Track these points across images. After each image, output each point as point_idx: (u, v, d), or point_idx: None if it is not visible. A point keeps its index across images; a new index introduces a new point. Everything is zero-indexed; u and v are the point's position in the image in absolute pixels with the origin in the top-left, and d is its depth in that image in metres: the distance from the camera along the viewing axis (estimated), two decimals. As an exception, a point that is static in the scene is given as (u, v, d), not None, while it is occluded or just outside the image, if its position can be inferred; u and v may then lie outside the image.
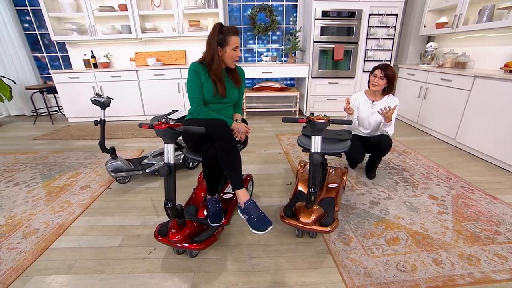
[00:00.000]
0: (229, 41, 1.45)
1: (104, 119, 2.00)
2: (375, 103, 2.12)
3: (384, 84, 2.01)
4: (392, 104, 2.03)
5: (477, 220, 1.70)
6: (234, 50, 1.48)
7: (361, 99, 2.18)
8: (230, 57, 1.49)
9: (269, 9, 4.14)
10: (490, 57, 2.94)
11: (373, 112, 2.12)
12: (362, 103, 2.17)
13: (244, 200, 1.35)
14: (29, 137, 3.43)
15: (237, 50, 1.50)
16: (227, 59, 1.51)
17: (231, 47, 1.46)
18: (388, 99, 2.11)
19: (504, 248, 1.45)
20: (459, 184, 2.15)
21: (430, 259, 1.39)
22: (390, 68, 1.99)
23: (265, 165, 2.49)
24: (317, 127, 1.25)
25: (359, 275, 1.29)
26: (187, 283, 1.25)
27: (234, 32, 1.45)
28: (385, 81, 2.00)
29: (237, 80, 1.62)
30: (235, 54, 1.49)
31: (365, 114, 2.16)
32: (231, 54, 1.48)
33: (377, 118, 2.11)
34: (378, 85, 2.01)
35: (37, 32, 4.26)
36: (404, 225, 1.67)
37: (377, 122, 2.13)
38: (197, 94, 1.51)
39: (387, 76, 1.98)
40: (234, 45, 1.46)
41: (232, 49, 1.47)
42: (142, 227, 1.64)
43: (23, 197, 1.99)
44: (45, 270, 1.32)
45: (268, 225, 1.26)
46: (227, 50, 1.47)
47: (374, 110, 2.10)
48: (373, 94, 2.13)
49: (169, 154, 1.19)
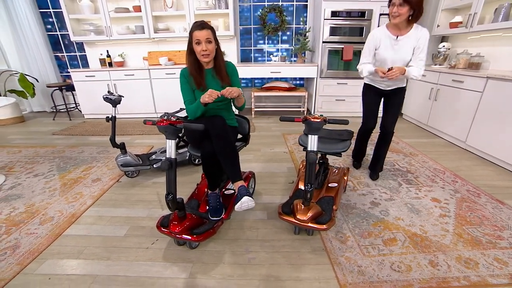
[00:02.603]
0: (192, 37, 1.47)
1: (115, 116, 2.11)
2: (400, 38, 1.75)
3: (407, 12, 1.64)
4: (423, 38, 1.70)
5: (480, 224, 1.67)
6: (196, 44, 1.47)
7: (382, 36, 1.81)
8: (197, 52, 1.50)
9: (279, 10, 4.16)
10: (506, 58, 2.83)
11: (398, 49, 1.77)
12: (384, 40, 1.80)
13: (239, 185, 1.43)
14: (49, 132, 3.64)
15: (201, 44, 1.46)
16: (197, 55, 1.52)
17: (194, 42, 1.47)
18: (416, 32, 1.73)
19: (506, 253, 1.43)
20: (465, 187, 2.11)
21: (427, 260, 1.39)
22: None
23: (269, 164, 2.54)
24: (312, 126, 1.28)
25: (352, 273, 1.32)
26: (185, 273, 1.32)
27: (195, 27, 1.46)
28: (407, 7, 1.62)
29: (223, 77, 1.60)
30: (199, 48, 1.47)
31: (388, 53, 1.80)
32: (196, 48, 1.49)
33: (404, 57, 1.76)
34: (399, 14, 1.64)
35: (58, 33, 4.50)
36: (403, 227, 1.66)
37: (403, 61, 1.77)
38: (188, 97, 1.59)
39: (408, 2, 1.60)
40: (195, 39, 1.46)
41: (194, 43, 1.47)
42: (147, 219, 1.73)
43: (41, 188, 2.14)
44: (58, 255, 1.43)
45: (222, 213, 1.52)
46: (194, 46, 1.49)
47: (399, 47, 1.76)
48: (396, 28, 1.75)
49: (170, 149, 1.27)
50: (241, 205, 1.35)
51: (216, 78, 1.62)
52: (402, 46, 1.77)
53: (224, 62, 1.64)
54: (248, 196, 1.36)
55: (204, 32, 1.47)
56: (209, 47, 1.50)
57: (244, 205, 1.34)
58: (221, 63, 1.61)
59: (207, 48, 1.48)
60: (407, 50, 1.77)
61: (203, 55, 1.50)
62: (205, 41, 1.47)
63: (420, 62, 1.78)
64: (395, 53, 1.80)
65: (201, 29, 1.46)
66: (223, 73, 1.62)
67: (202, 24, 1.48)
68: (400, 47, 1.77)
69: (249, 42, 4.54)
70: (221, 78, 1.62)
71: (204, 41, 1.47)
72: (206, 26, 1.49)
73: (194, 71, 1.56)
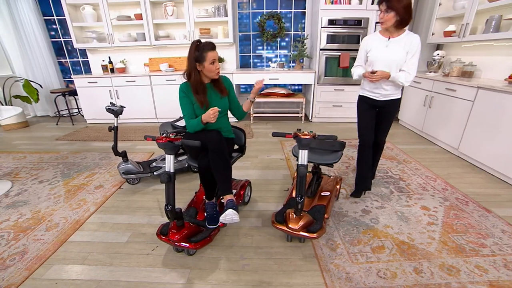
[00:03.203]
0: (205, 56, 1.56)
1: (117, 126, 2.20)
2: (392, 39, 1.80)
3: (393, 18, 1.68)
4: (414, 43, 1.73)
5: (465, 232, 1.75)
6: (212, 64, 1.58)
7: (375, 39, 1.87)
8: (209, 70, 1.60)
9: (277, 17, 4.25)
10: (497, 67, 2.91)
11: (389, 50, 1.80)
12: (376, 43, 1.85)
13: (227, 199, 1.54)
14: (52, 137, 3.74)
15: (215, 63, 1.60)
16: (207, 73, 1.62)
17: (208, 62, 1.57)
18: (408, 37, 1.76)
19: (487, 260, 1.50)
20: (455, 195, 2.18)
21: (411, 268, 1.47)
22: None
23: (265, 171, 2.62)
24: (302, 143, 1.36)
25: (340, 280, 1.40)
26: (183, 278, 1.40)
27: (210, 48, 1.57)
28: (393, 13, 1.66)
29: (222, 90, 1.72)
30: (214, 67, 1.59)
31: (380, 54, 1.82)
32: (209, 68, 1.59)
33: (395, 57, 1.77)
34: (386, 20, 1.70)
35: (62, 40, 4.60)
36: (391, 234, 1.74)
37: (395, 62, 1.79)
38: (188, 111, 1.67)
39: (392, 8, 1.65)
40: (211, 59, 1.57)
41: (209, 63, 1.57)
42: (147, 226, 1.82)
43: (46, 194, 2.23)
44: (64, 260, 1.52)
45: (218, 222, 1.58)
46: (205, 65, 1.58)
47: (390, 48, 1.79)
48: (387, 32, 1.81)
49: (169, 164, 1.35)
50: (225, 217, 1.45)
51: (216, 91, 1.73)
52: (393, 47, 1.79)
53: (220, 76, 1.75)
54: (233, 210, 1.46)
55: (216, 52, 1.61)
56: (219, 64, 1.65)
57: (228, 217, 1.44)
58: (219, 78, 1.73)
59: (219, 66, 1.63)
60: (398, 51, 1.78)
61: (217, 73, 1.65)
62: (217, 59, 1.61)
63: (411, 67, 1.78)
64: (387, 53, 1.81)
65: (214, 49, 1.60)
66: (222, 87, 1.74)
67: (214, 45, 1.61)
68: (391, 48, 1.80)
69: (248, 48, 4.63)
70: (221, 91, 1.73)
71: (217, 59, 1.61)
72: (215, 46, 1.63)
73: (197, 91, 1.64)
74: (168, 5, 3.87)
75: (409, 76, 1.79)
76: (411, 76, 1.79)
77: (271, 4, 4.34)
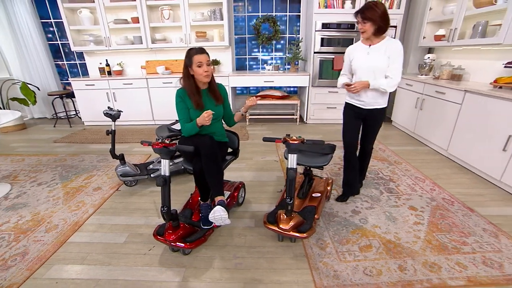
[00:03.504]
0: (192, 60, 1.62)
1: (115, 130, 2.26)
2: (372, 47, 1.84)
3: (371, 27, 1.73)
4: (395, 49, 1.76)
5: (449, 231, 1.83)
6: (198, 67, 1.63)
7: (357, 48, 1.93)
8: (198, 73, 1.65)
9: (272, 20, 4.32)
10: (484, 71, 3.01)
11: (370, 57, 1.84)
12: (358, 51, 1.91)
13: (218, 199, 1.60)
14: (50, 139, 3.78)
15: (203, 66, 1.63)
16: (197, 76, 1.67)
17: (195, 64, 1.62)
18: (388, 43, 1.79)
19: (467, 258, 1.59)
20: (441, 196, 2.27)
21: (396, 265, 1.55)
22: (368, 8, 1.69)
23: (260, 172, 2.69)
24: (291, 147, 1.43)
25: (328, 277, 1.47)
26: (179, 277, 1.47)
27: (196, 52, 1.63)
28: (370, 23, 1.71)
29: (218, 97, 1.79)
30: (201, 70, 1.63)
31: (362, 61, 1.87)
32: (196, 71, 1.64)
33: (377, 64, 1.82)
34: (365, 30, 1.76)
35: (59, 42, 4.64)
36: (379, 234, 1.82)
37: (378, 68, 1.82)
38: (183, 116, 1.74)
39: (368, 18, 1.70)
40: (197, 62, 1.62)
41: (196, 66, 1.63)
42: (144, 227, 1.88)
43: (45, 196, 2.28)
44: (64, 260, 1.58)
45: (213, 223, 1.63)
46: (194, 68, 1.64)
47: (371, 55, 1.84)
48: (368, 40, 1.85)
49: (165, 168, 1.42)
50: (213, 214, 1.50)
51: (211, 97, 1.79)
52: (374, 54, 1.83)
53: (216, 83, 1.81)
54: (221, 206, 1.52)
55: (204, 55, 1.65)
56: (209, 68, 1.68)
57: (216, 214, 1.49)
58: (215, 84, 1.80)
59: (208, 69, 1.66)
60: (379, 58, 1.82)
61: (205, 75, 1.67)
62: (206, 63, 1.65)
63: (394, 72, 1.80)
64: (368, 61, 1.85)
65: (202, 53, 1.65)
66: (217, 94, 1.80)
67: (202, 49, 1.67)
68: (372, 55, 1.84)
69: (244, 51, 4.70)
70: (216, 98, 1.79)
71: (205, 63, 1.65)
72: (205, 51, 1.68)
73: (192, 93, 1.71)
74: (164, 8, 3.92)
75: (392, 81, 1.81)
76: (394, 81, 1.81)
77: (266, 8, 4.41)
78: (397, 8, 3.72)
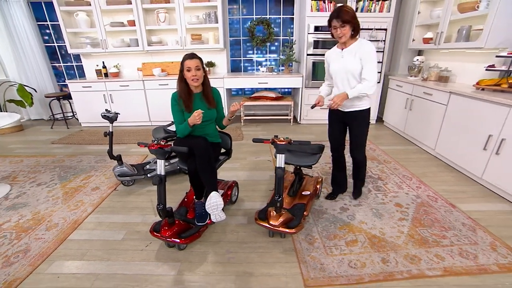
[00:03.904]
0: (183, 65, 1.73)
1: (112, 132, 2.33)
2: (345, 50, 1.84)
3: (349, 30, 1.71)
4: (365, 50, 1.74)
5: (431, 226, 1.94)
6: (187, 71, 1.73)
7: (332, 53, 1.94)
8: (186, 77, 1.76)
9: (266, 23, 4.41)
10: (469, 73, 3.12)
11: (343, 61, 1.84)
12: (333, 56, 1.92)
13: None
14: (47, 141, 3.84)
15: (191, 71, 1.72)
16: (188, 80, 1.77)
17: (185, 69, 1.73)
18: (360, 44, 1.78)
19: (445, 250, 1.69)
20: (426, 193, 2.38)
21: (379, 258, 1.65)
22: (344, 11, 1.68)
23: (253, 172, 2.78)
24: (278, 148, 1.53)
25: (315, 270, 1.57)
26: (174, 270, 1.55)
27: (187, 57, 1.73)
28: (348, 26, 1.69)
29: (210, 101, 1.87)
30: (189, 74, 1.73)
31: (337, 65, 1.88)
32: (186, 74, 1.74)
33: (350, 67, 1.81)
34: (344, 34, 1.72)
35: (55, 44, 4.69)
36: (365, 229, 1.92)
37: (351, 71, 1.82)
38: (178, 118, 1.84)
39: (347, 21, 1.68)
40: (186, 67, 1.72)
41: (186, 70, 1.73)
42: (141, 224, 1.97)
43: (44, 196, 2.35)
44: (64, 256, 1.66)
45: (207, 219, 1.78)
46: (184, 72, 1.75)
47: (344, 59, 1.84)
48: (343, 44, 1.84)
49: (160, 167, 1.50)
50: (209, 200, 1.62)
51: (204, 101, 1.87)
52: (347, 57, 1.83)
53: (210, 88, 1.90)
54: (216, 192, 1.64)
55: (194, 61, 1.74)
56: (198, 73, 1.76)
57: (212, 200, 1.62)
58: (208, 89, 1.88)
59: (196, 74, 1.74)
60: (352, 60, 1.81)
61: (193, 79, 1.76)
62: (194, 68, 1.73)
63: (368, 73, 1.77)
64: (342, 64, 1.85)
65: (192, 58, 1.74)
66: (210, 98, 1.88)
67: (192, 54, 1.76)
68: (346, 58, 1.83)
69: (239, 53, 4.78)
70: (208, 101, 1.88)
71: (194, 68, 1.73)
72: (196, 56, 1.77)
73: (184, 96, 1.80)
74: (160, 11, 3.99)
75: (368, 83, 1.77)
76: (370, 83, 1.77)
77: (260, 10, 4.50)
78: (387, 11, 3.83)
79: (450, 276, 1.50)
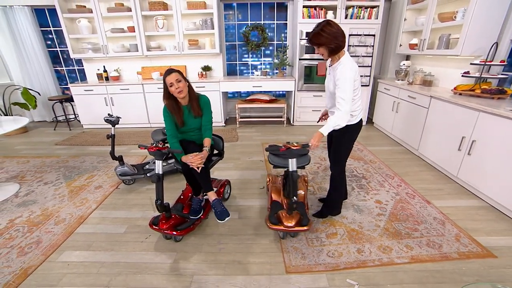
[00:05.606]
0: (165, 82, 1.84)
1: (114, 134, 2.52)
2: (330, 68, 1.81)
3: (326, 50, 1.66)
4: (338, 73, 1.66)
5: (406, 220, 2.13)
6: (170, 87, 1.83)
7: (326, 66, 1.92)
8: (173, 92, 1.85)
9: (261, 28, 4.60)
10: (450, 78, 3.32)
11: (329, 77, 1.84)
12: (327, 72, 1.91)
13: (213, 199, 1.88)
14: (51, 142, 4.02)
15: (174, 85, 1.81)
16: (175, 94, 1.86)
17: (168, 85, 1.84)
18: (338, 66, 1.70)
19: (415, 241, 1.88)
20: (406, 191, 2.57)
21: (355, 249, 1.84)
22: (315, 35, 1.63)
23: (245, 171, 2.97)
24: (293, 153, 1.70)
25: (296, 258, 1.76)
26: (171, 259, 1.74)
27: (165, 74, 1.83)
28: (322, 48, 1.66)
29: (197, 111, 1.96)
30: (173, 89, 1.83)
31: (326, 82, 1.91)
32: (170, 90, 1.85)
33: (331, 87, 1.80)
34: (322, 54, 1.71)
35: (58, 49, 4.86)
36: (345, 224, 2.11)
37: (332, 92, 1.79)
38: (170, 127, 1.94)
39: (318, 44, 1.65)
40: (168, 83, 1.82)
41: (169, 86, 1.83)
42: (141, 219, 2.15)
43: (51, 194, 2.54)
44: (73, 247, 1.85)
45: (226, 216, 1.85)
46: (169, 89, 1.85)
47: (330, 76, 1.82)
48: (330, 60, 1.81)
49: (158, 167, 1.69)
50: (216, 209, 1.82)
51: (192, 112, 1.98)
52: (330, 76, 1.82)
53: (196, 96, 1.98)
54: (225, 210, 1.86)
55: (172, 75, 1.82)
56: (180, 84, 1.83)
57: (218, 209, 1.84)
58: (193, 101, 1.95)
59: (178, 86, 1.84)
60: (331, 80, 1.79)
61: (178, 92, 1.84)
62: (175, 81, 1.83)
63: (338, 101, 1.66)
64: (327, 82, 1.87)
65: (170, 74, 1.83)
66: (195, 107, 1.97)
67: (170, 70, 1.85)
68: (329, 77, 1.83)
69: (235, 57, 4.97)
70: (195, 112, 1.98)
71: (175, 81, 1.83)
72: (173, 70, 1.86)
73: (174, 111, 1.92)
74: (159, 18, 4.17)
75: (338, 113, 1.66)
76: (339, 112, 1.65)
77: (255, 16, 4.68)
78: (375, 18, 4.01)
79: (416, 263, 1.69)
